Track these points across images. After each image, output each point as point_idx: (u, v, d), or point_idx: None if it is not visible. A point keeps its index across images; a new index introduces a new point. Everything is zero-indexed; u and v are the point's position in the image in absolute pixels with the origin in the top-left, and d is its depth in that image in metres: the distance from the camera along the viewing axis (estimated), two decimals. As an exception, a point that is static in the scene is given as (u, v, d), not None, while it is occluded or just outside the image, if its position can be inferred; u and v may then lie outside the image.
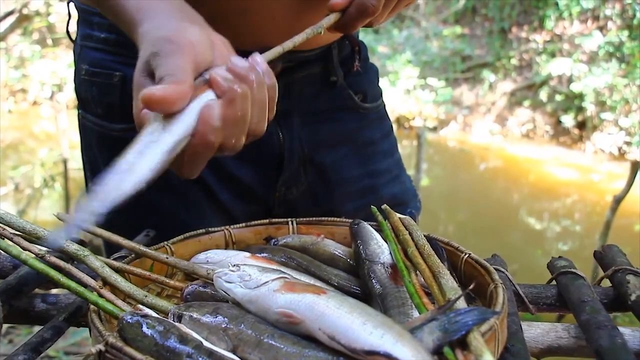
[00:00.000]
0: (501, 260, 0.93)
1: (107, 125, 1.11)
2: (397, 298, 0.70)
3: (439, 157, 8.97)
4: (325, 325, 0.59)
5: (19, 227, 0.78)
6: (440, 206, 6.72)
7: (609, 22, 9.40)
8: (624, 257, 0.92)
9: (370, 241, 0.81)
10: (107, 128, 1.11)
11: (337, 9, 0.85)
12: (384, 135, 1.26)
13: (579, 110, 8.94)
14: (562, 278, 0.87)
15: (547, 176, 7.96)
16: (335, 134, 1.18)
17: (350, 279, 0.80)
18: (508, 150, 8.93)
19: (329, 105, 1.16)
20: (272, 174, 1.14)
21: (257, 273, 0.69)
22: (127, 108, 1.08)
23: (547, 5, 9.89)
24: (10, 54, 10.34)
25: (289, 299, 0.64)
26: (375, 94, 1.24)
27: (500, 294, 0.68)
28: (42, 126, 9.27)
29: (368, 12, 0.84)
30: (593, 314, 0.75)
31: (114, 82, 1.07)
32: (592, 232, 5.87)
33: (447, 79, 9.97)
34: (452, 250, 0.82)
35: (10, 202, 6.01)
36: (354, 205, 1.19)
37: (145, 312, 0.64)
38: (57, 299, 0.84)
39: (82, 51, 1.14)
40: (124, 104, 1.07)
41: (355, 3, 0.84)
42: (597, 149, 8.67)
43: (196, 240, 0.89)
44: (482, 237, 5.86)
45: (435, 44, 10.56)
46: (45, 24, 10.23)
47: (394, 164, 1.28)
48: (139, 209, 1.18)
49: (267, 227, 0.94)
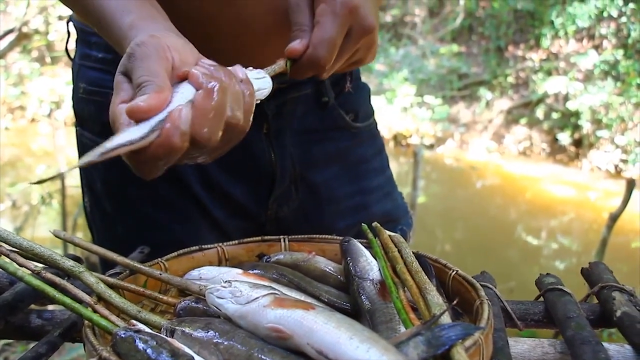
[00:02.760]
0: (490, 277, 0.94)
1: None
2: (385, 314, 0.72)
3: (436, 174, 8.98)
4: (313, 340, 0.60)
5: (16, 243, 0.79)
6: (437, 223, 6.73)
7: (604, 41, 9.47)
8: (610, 274, 0.93)
9: (359, 258, 0.82)
10: None
11: (294, 55, 0.87)
12: (375, 153, 1.27)
13: (575, 128, 8.98)
14: (549, 295, 0.89)
15: (544, 194, 7.98)
16: (327, 153, 1.19)
17: (340, 295, 0.82)
18: (505, 167, 8.95)
19: (321, 125, 1.18)
20: (264, 192, 1.15)
21: (247, 289, 0.70)
22: None
23: (543, 24, 9.97)
24: (9, 72, 10.38)
25: (279, 314, 0.65)
26: (366, 113, 1.26)
27: (485, 310, 0.69)
28: (39, 143, 9.28)
29: (319, 64, 0.87)
30: (578, 330, 0.76)
31: (110, 100, 1.09)
32: (588, 249, 5.86)
33: (444, 97, 10.02)
34: (440, 267, 0.84)
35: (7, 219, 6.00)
36: (346, 222, 1.21)
37: (138, 328, 0.65)
38: (52, 315, 0.85)
39: (80, 70, 1.15)
40: None
41: (308, 54, 0.86)
42: (594, 166, 8.70)
43: (189, 257, 0.90)
44: (479, 254, 5.86)
45: (432, 62, 10.62)
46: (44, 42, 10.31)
47: (386, 181, 1.29)
48: (134, 224, 1.20)
49: (260, 245, 0.95)
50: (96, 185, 1.18)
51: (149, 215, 1.15)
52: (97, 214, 1.22)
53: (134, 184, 1.13)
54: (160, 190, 1.13)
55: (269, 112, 1.11)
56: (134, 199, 1.15)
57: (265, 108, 1.10)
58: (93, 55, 1.12)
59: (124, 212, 1.17)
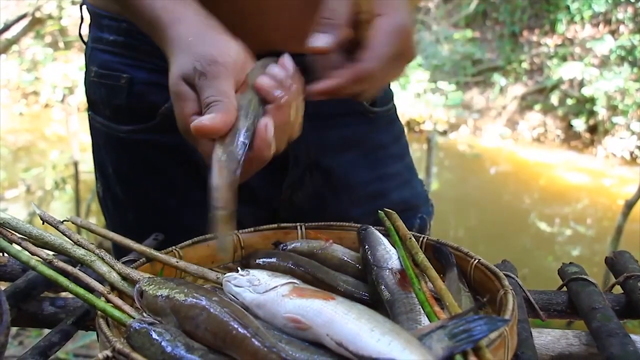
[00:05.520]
0: (511, 265, 0.92)
1: (114, 127, 1.12)
2: (406, 304, 0.70)
3: (449, 161, 8.95)
4: (333, 332, 0.58)
5: (26, 232, 0.78)
6: (450, 210, 6.70)
7: (620, 26, 9.36)
8: (636, 264, 0.91)
9: (378, 246, 0.81)
10: (114, 129, 1.12)
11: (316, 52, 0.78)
12: (394, 139, 1.25)
13: (591, 114, 8.90)
14: (572, 284, 0.86)
15: (558, 180, 7.93)
16: (344, 138, 1.17)
17: (358, 285, 0.80)
18: (519, 154, 8.90)
19: (337, 110, 1.15)
20: (277, 177, 1.13)
21: (266, 278, 0.69)
22: (134, 110, 1.09)
23: (558, 9, 9.86)
24: (23, 57, 10.43)
25: (297, 304, 0.63)
26: (385, 98, 1.23)
27: (510, 301, 0.67)
28: (53, 129, 9.33)
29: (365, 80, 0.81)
30: (604, 321, 0.74)
31: (121, 84, 1.08)
32: (603, 237, 5.83)
33: (457, 83, 9.95)
34: (461, 256, 0.81)
35: (21, 204, 6.05)
36: (363, 209, 1.18)
37: (152, 320, 0.64)
38: (65, 303, 0.85)
39: (92, 53, 1.15)
40: (130, 106, 1.08)
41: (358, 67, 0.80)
42: (609, 153, 8.63)
43: (204, 245, 0.89)
44: (492, 241, 5.84)
45: (445, 48, 10.54)
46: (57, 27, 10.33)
47: (405, 168, 1.26)
48: (145, 210, 1.19)
49: (276, 232, 0.94)
50: (108, 171, 1.18)
51: (159, 200, 1.14)
52: (109, 200, 1.22)
53: (144, 170, 1.13)
54: (170, 175, 1.12)
55: None
56: (145, 185, 1.14)
57: None
58: (105, 38, 1.11)
59: (134, 197, 1.17)
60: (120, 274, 0.74)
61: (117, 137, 1.12)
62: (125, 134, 1.10)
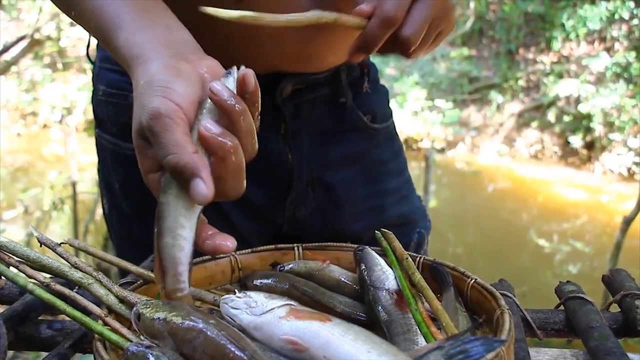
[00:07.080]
0: (508, 285, 0.92)
1: (121, 144, 1.15)
2: (402, 325, 0.70)
3: (447, 178, 8.95)
4: (330, 353, 0.58)
5: (23, 255, 0.78)
6: (448, 228, 6.69)
7: (615, 44, 9.42)
8: (633, 282, 0.91)
9: (374, 267, 0.81)
10: (121, 147, 1.15)
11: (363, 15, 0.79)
12: (393, 155, 1.26)
13: (587, 131, 8.92)
14: (570, 303, 0.87)
15: (556, 197, 7.93)
16: (344, 154, 1.19)
17: (355, 306, 0.80)
18: (516, 171, 8.91)
19: (338, 126, 1.17)
20: (281, 194, 1.15)
21: (263, 299, 0.69)
22: None
23: (553, 27, 9.93)
24: (22, 78, 10.46)
25: (295, 326, 0.64)
26: (385, 115, 1.25)
27: (506, 321, 0.67)
28: (51, 149, 9.33)
29: (390, 22, 0.77)
30: (602, 340, 0.74)
31: (128, 102, 1.09)
32: (602, 253, 5.82)
33: (454, 101, 9.99)
34: (458, 276, 0.81)
35: (19, 225, 6.03)
36: (362, 224, 1.20)
37: (149, 343, 0.64)
38: (63, 325, 0.84)
39: (100, 72, 1.18)
40: None
41: (376, 13, 0.78)
42: (606, 169, 8.64)
43: (202, 266, 0.89)
44: (490, 258, 5.84)
45: (442, 66, 10.59)
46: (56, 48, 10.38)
47: (403, 184, 1.28)
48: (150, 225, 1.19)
49: (273, 253, 0.94)
50: (114, 187, 1.20)
51: None
52: (114, 215, 1.24)
53: None
54: None
55: (287, 113, 1.10)
56: (151, 201, 1.15)
57: (283, 109, 1.09)
58: (112, 58, 1.12)
59: (140, 212, 1.17)
60: (117, 296, 0.74)
61: (125, 155, 1.13)
62: (132, 151, 1.11)
